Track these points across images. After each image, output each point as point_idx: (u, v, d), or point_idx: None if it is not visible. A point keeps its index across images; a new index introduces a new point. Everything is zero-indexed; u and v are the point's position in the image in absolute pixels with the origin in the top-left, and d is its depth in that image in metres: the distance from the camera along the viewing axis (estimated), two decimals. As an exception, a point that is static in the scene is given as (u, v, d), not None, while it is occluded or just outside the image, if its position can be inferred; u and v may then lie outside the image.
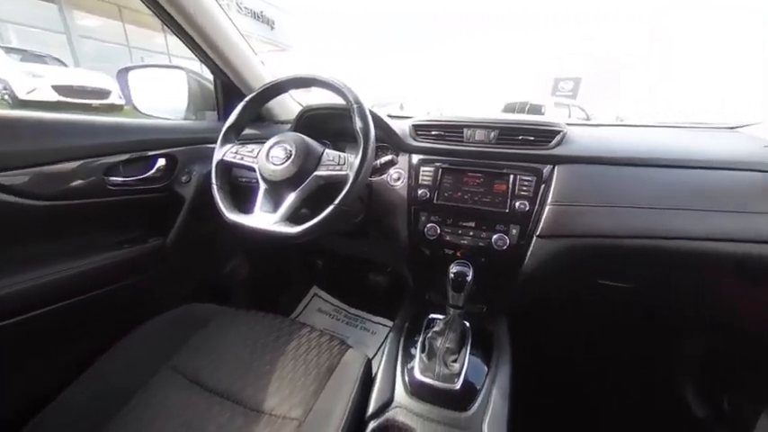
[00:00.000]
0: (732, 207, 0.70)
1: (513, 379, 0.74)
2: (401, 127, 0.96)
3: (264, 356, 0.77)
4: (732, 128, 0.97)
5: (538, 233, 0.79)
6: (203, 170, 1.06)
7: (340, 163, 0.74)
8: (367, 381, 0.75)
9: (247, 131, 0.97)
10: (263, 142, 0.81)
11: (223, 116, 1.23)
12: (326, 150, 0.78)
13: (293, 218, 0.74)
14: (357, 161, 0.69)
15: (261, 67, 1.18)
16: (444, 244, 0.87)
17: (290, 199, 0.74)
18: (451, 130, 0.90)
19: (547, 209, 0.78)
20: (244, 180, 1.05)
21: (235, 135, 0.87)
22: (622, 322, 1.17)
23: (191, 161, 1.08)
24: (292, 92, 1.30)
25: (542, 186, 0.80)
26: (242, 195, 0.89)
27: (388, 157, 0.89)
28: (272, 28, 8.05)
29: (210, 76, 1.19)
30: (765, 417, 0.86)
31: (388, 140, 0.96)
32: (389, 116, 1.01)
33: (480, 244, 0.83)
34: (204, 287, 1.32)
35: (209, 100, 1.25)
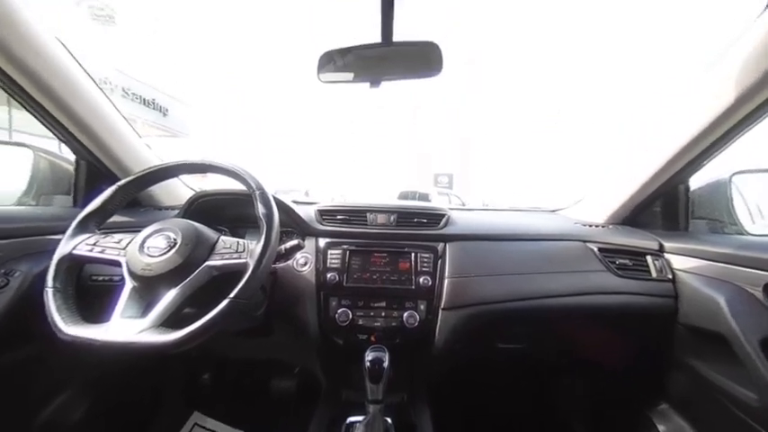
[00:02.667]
0: (568, 268, 0.92)
1: None
2: (307, 212, 0.97)
3: None
4: (553, 211, 1.35)
5: (442, 306, 0.85)
6: (33, 269, 0.80)
7: (238, 250, 0.67)
8: None
9: (116, 219, 0.81)
10: (137, 231, 0.68)
11: (82, 202, 1.01)
12: (222, 237, 0.70)
13: (172, 321, 0.59)
14: (259, 247, 0.64)
15: (145, 150, 1.08)
16: (357, 329, 0.84)
17: (169, 297, 0.60)
18: (356, 215, 0.96)
19: (446, 282, 0.87)
20: (101, 279, 0.82)
21: (96, 223, 0.71)
22: (521, 376, 1.31)
23: (12, 259, 0.80)
24: (184, 177, 1.21)
25: (439, 262, 0.90)
26: (93, 300, 0.68)
27: (294, 242, 0.86)
28: (165, 115, 7.72)
29: (72, 157, 1.01)
30: None
31: (294, 225, 0.95)
32: (294, 202, 1.02)
33: (393, 324, 0.84)
34: None
35: (61, 183, 1.02)
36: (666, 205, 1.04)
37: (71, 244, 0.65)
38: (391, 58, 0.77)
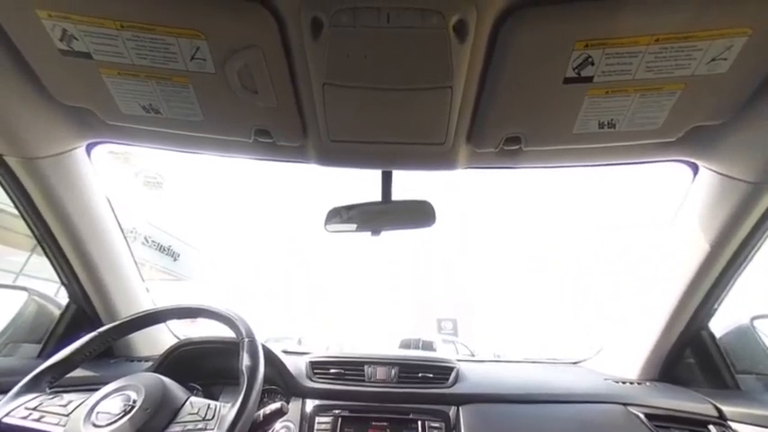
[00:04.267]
0: None
1: None
2: (297, 365, 0.86)
3: None
4: (575, 363, 1.20)
5: None
6: None
7: (206, 417, 0.55)
8: None
9: (79, 374, 0.71)
10: (98, 389, 0.58)
11: (50, 351, 0.91)
12: (192, 399, 0.59)
13: None
14: (233, 412, 0.53)
15: (141, 294, 1.06)
16: None
17: None
18: (352, 368, 0.85)
19: None
20: None
21: (52, 379, 0.62)
22: None
23: None
24: (171, 323, 1.14)
25: None
26: None
27: (276, 405, 0.71)
28: (175, 260, 8.10)
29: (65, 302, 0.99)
30: None
31: (280, 381, 0.82)
32: (285, 352, 0.92)
33: None
34: None
35: (39, 330, 0.96)
36: (699, 355, 0.93)
37: (5, 408, 0.54)
38: (390, 213, 0.88)
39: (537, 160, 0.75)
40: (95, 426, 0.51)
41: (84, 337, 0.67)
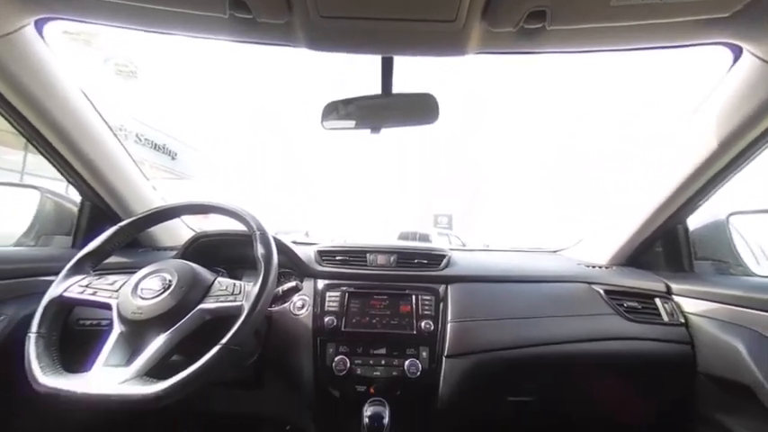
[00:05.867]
0: (575, 311, 0.89)
1: None
2: (306, 253, 0.96)
3: None
4: (554, 251, 1.34)
5: (446, 353, 0.80)
6: (20, 313, 0.77)
7: (234, 292, 0.65)
8: None
9: (114, 260, 0.80)
10: (133, 272, 0.67)
11: (81, 242, 1.01)
12: (219, 279, 0.69)
13: (157, 370, 0.56)
14: (256, 288, 0.63)
15: (150, 192, 1.10)
16: (355, 379, 0.78)
17: (157, 344, 0.57)
18: (355, 256, 0.95)
19: (449, 326, 0.83)
20: (88, 324, 0.79)
21: (92, 264, 0.70)
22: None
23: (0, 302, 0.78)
24: (185, 217, 1.22)
25: (441, 304, 0.87)
26: (77, 346, 0.65)
27: (292, 284, 0.83)
28: (174, 159, 8.04)
29: (78, 198, 1.03)
30: None
31: (293, 266, 0.94)
32: (294, 242, 1.01)
33: (393, 373, 0.78)
34: None
35: (63, 224, 1.03)
36: (668, 245, 1.03)
37: (63, 286, 0.64)
38: (391, 108, 0.82)
39: (561, 42, 0.64)
40: (142, 298, 0.61)
41: (109, 230, 0.73)
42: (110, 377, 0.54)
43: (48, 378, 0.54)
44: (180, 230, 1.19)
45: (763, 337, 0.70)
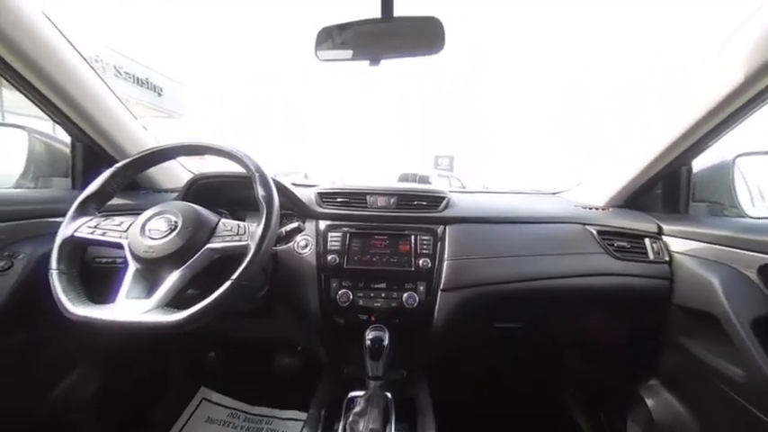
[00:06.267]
0: (567, 250, 0.93)
1: None
2: (306, 195, 0.97)
3: None
4: (554, 193, 1.35)
5: (441, 287, 0.86)
6: (37, 252, 0.80)
7: (239, 233, 0.67)
8: None
9: (116, 201, 0.81)
10: (138, 214, 0.68)
11: (81, 184, 1.01)
12: (223, 220, 0.71)
13: (176, 302, 0.60)
14: (260, 229, 0.64)
15: (141, 132, 1.06)
16: (358, 309, 0.85)
17: (172, 279, 0.61)
18: (356, 198, 0.96)
19: (445, 264, 0.88)
20: (104, 262, 0.83)
21: (96, 206, 0.71)
22: (520, 357, 1.36)
23: (15, 241, 0.81)
24: (182, 159, 1.19)
25: (439, 244, 0.90)
26: (97, 282, 0.69)
27: (295, 224, 0.86)
28: (160, 95, 7.52)
29: (67, 138, 1.00)
30: (632, 424, 1.04)
31: (294, 208, 0.95)
32: (294, 184, 1.01)
33: (393, 304, 0.85)
34: (22, 426, 0.88)
35: (58, 165, 1.02)
36: (667, 188, 1.03)
37: (72, 227, 0.66)
38: (391, 35, 0.74)
39: None
40: (152, 238, 0.63)
41: (106, 172, 0.72)
42: (134, 307, 0.58)
43: (77, 308, 0.59)
44: (178, 172, 1.18)
45: (739, 273, 0.74)
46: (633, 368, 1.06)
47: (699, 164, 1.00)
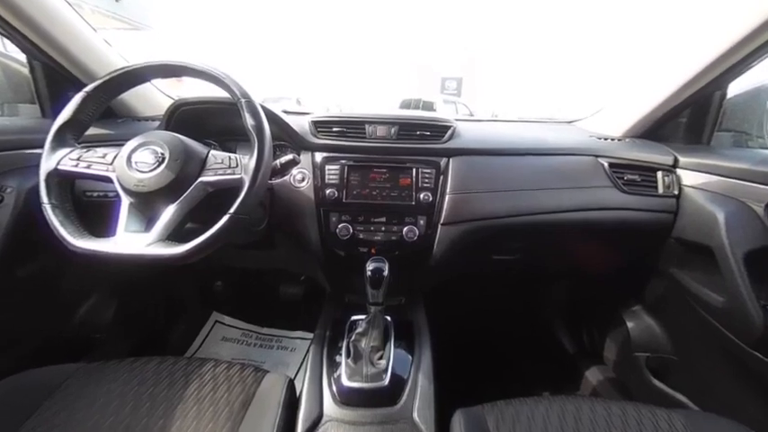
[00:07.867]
0: (574, 184, 0.90)
1: (435, 359, 0.79)
2: (300, 123, 0.89)
3: (155, 411, 0.61)
4: (569, 122, 1.25)
5: (442, 221, 0.86)
6: (24, 185, 0.77)
7: (231, 165, 0.63)
8: (292, 402, 0.68)
9: (94, 131, 0.75)
10: (120, 145, 0.63)
11: (51, 112, 0.92)
12: (212, 152, 0.66)
13: (176, 235, 0.60)
14: (253, 162, 0.60)
15: (105, 47, 0.92)
16: (358, 242, 0.86)
17: (170, 213, 0.60)
18: (353, 127, 0.89)
19: (447, 198, 0.86)
20: (95, 195, 0.81)
21: (73, 136, 0.66)
22: (512, 284, 1.45)
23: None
24: (158, 83, 1.07)
25: (441, 177, 0.87)
26: (91, 215, 0.68)
27: (289, 157, 0.81)
28: (117, 0, 6.47)
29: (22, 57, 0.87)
30: (610, 342, 1.16)
31: (287, 137, 0.89)
32: (285, 112, 0.93)
33: (393, 238, 0.86)
34: (50, 346, 0.98)
35: (21, 90, 0.91)
36: (694, 115, 0.95)
37: (53, 159, 0.61)
38: None
39: None
40: (140, 171, 0.60)
41: (76, 97, 0.64)
42: (136, 240, 0.58)
43: (79, 241, 0.58)
44: (156, 98, 1.07)
45: (746, 207, 0.72)
46: (619, 295, 1.13)
47: (732, 89, 0.90)
